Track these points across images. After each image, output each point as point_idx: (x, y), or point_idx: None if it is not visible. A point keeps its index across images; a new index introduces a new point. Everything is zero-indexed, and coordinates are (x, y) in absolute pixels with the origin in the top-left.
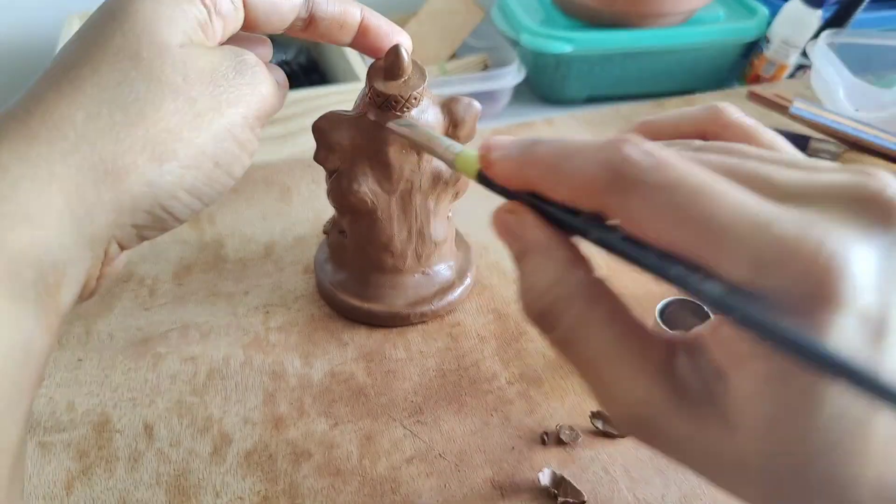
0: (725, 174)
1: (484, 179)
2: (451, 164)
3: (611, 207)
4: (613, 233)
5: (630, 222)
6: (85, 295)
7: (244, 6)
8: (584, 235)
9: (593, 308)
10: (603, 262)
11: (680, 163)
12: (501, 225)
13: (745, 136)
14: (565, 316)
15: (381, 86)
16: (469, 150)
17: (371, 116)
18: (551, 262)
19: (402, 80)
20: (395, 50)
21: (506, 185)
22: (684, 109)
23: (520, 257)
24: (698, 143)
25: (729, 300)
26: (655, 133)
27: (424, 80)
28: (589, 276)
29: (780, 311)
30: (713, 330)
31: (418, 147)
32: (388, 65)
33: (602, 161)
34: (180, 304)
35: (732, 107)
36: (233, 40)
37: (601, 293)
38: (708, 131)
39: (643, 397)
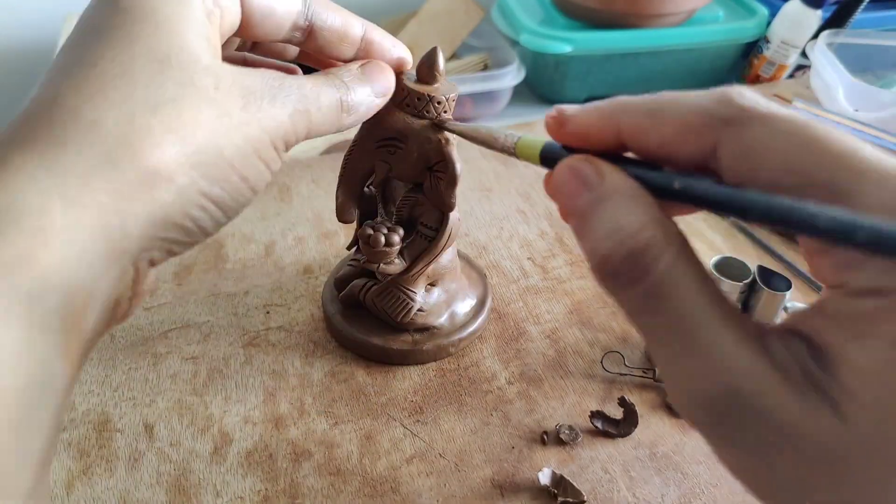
0: None
1: (547, 160)
2: (511, 152)
3: (725, 140)
4: (710, 181)
5: (747, 154)
6: (119, 317)
7: (241, 3)
8: (671, 188)
9: (689, 260)
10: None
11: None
12: (569, 173)
13: None
14: (660, 261)
15: (414, 86)
16: (529, 136)
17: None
18: (641, 204)
19: (436, 84)
20: (434, 51)
21: (582, 142)
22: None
23: (594, 204)
24: None
25: (860, 224)
26: None
27: (456, 89)
28: (678, 229)
29: None
30: (816, 312)
31: (475, 142)
32: (423, 66)
33: (718, 96)
34: (181, 304)
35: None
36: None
37: (692, 250)
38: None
39: (746, 368)
